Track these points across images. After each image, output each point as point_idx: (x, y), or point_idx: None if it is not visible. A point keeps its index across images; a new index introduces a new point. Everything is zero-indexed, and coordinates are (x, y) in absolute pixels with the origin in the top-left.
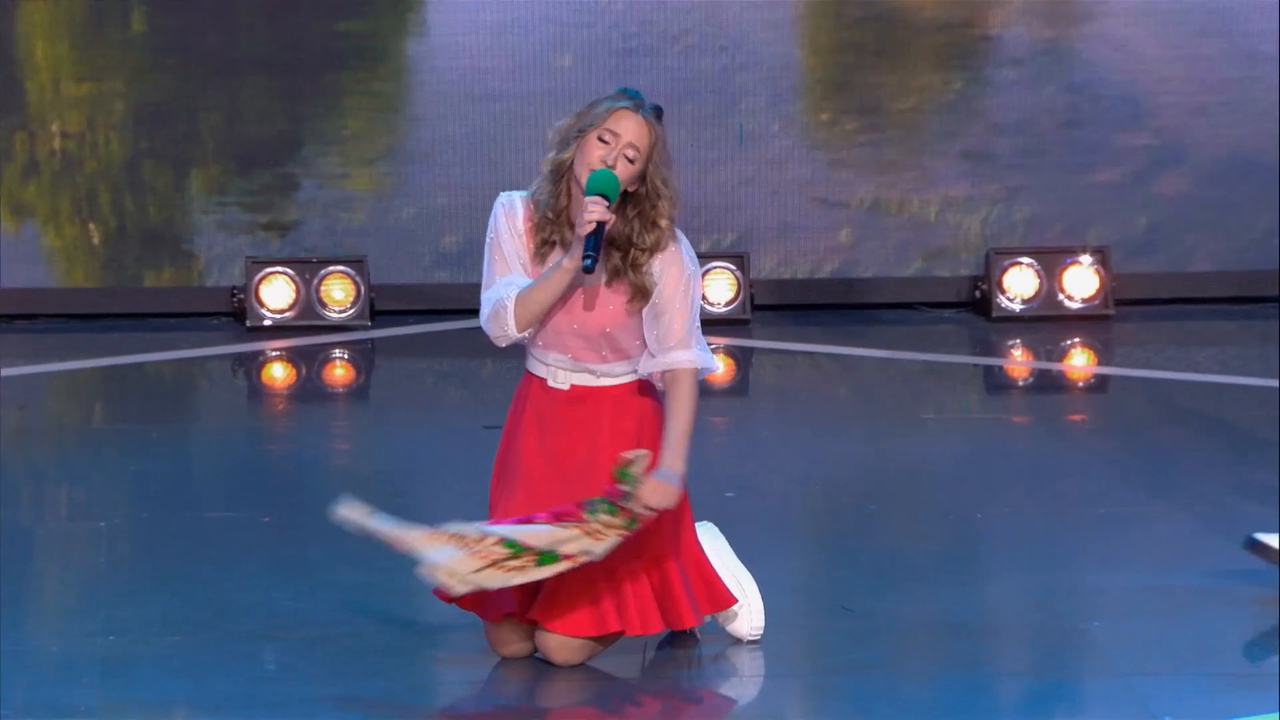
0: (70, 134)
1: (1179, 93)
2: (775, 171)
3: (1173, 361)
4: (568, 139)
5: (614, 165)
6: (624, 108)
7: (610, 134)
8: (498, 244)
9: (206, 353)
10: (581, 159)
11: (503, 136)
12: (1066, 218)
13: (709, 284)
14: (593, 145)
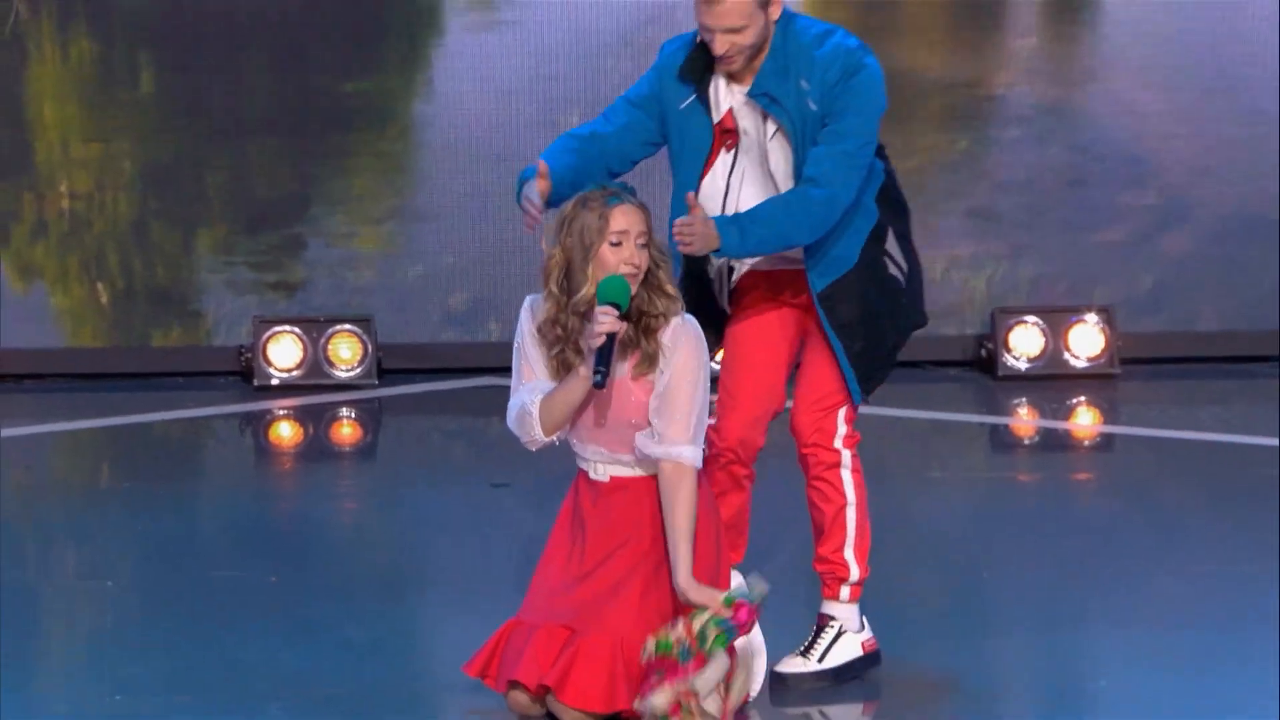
0: (79, 194)
1: (1183, 152)
2: None
3: (1178, 420)
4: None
5: (636, 260)
6: (614, 206)
7: (618, 234)
8: (523, 349)
9: (214, 412)
10: (602, 268)
11: (509, 196)
12: (1071, 276)
13: None
14: (608, 255)
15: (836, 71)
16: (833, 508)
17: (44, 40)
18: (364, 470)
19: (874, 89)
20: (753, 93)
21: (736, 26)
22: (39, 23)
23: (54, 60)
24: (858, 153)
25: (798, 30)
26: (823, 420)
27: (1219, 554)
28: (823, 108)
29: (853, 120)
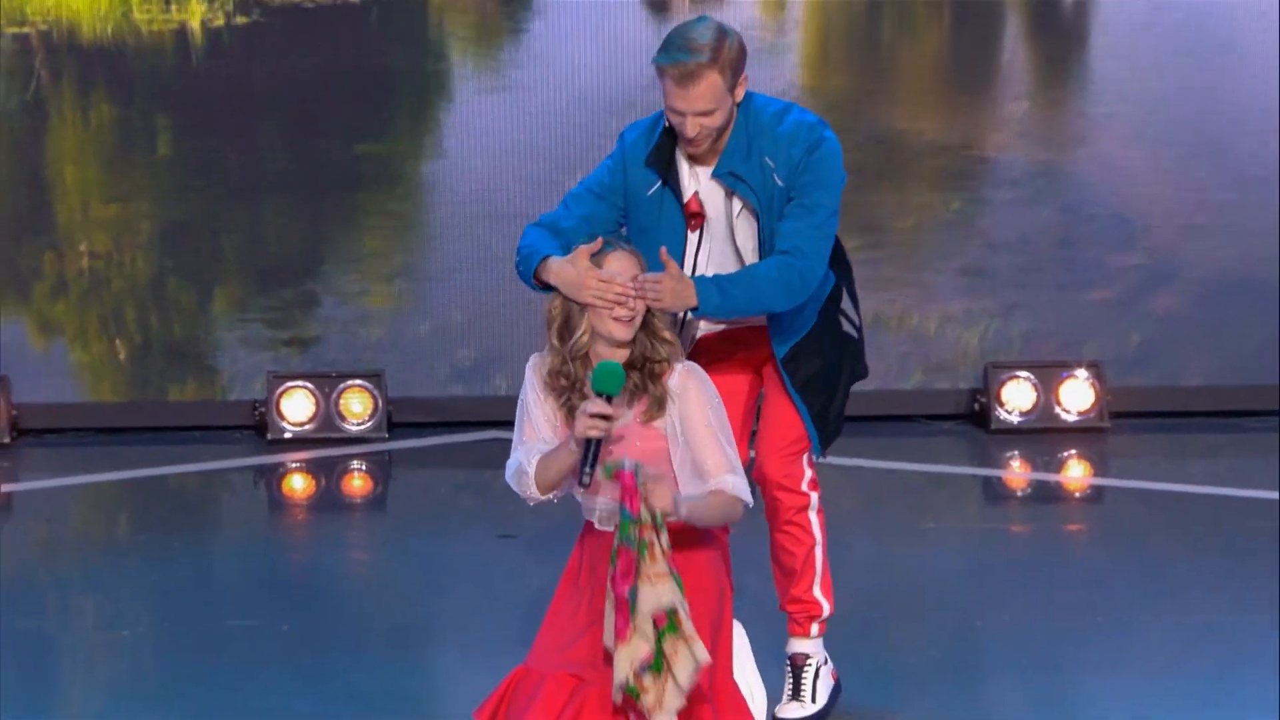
0: (98, 253)
1: (1170, 213)
2: None
3: (1167, 473)
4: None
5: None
6: (607, 253)
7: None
8: (526, 407)
9: (228, 465)
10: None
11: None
12: (1062, 333)
13: None
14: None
15: (800, 148)
16: (803, 549)
17: (65, 105)
18: (374, 521)
19: (835, 162)
20: (718, 173)
21: (708, 110)
22: (60, 88)
23: (75, 124)
24: (826, 224)
25: (757, 109)
26: (789, 466)
27: (1210, 604)
28: (788, 183)
29: (819, 194)
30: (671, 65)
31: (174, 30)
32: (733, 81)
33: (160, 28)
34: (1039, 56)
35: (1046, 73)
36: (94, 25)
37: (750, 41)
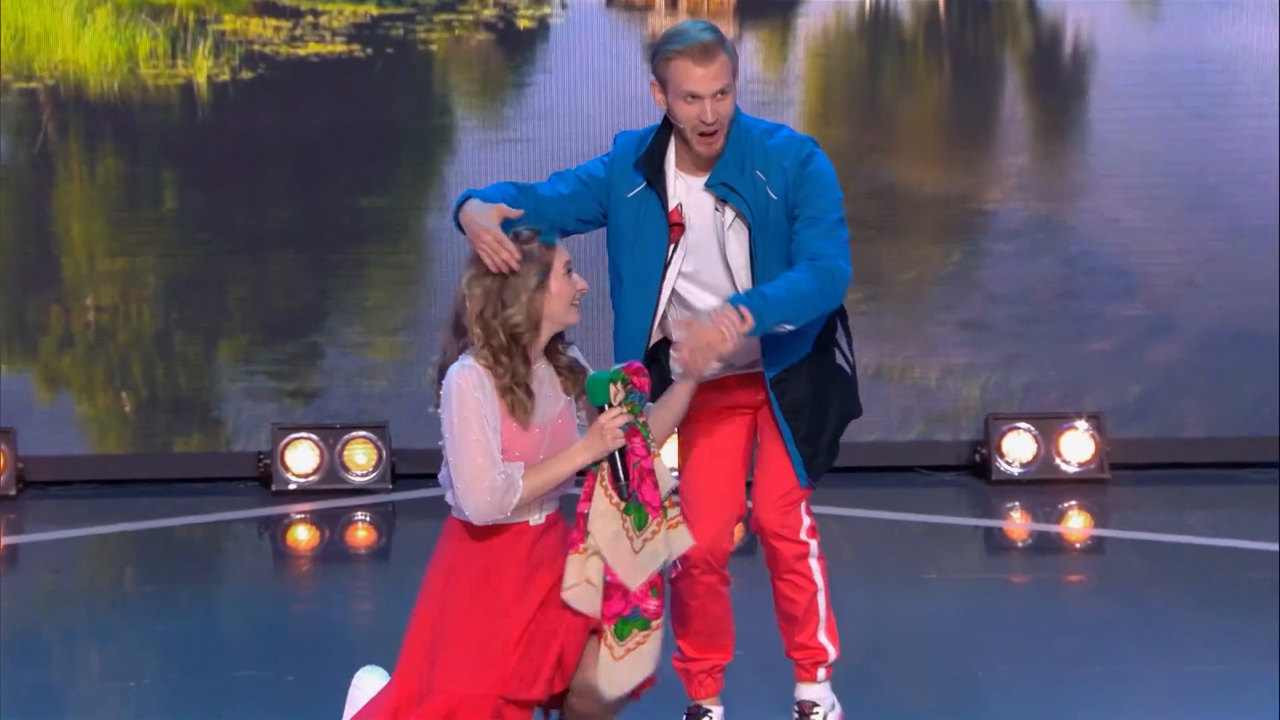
0: (104, 307)
1: (1169, 265)
2: None
3: (1166, 524)
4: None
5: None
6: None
7: (567, 264)
8: (482, 421)
9: (233, 516)
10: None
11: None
12: (1063, 385)
13: None
14: (565, 286)
15: (792, 160)
16: (805, 596)
17: (71, 159)
18: (378, 572)
19: (829, 173)
20: (710, 183)
21: (725, 88)
22: (67, 142)
23: (81, 178)
24: (837, 228)
25: (747, 125)
26: (787, 515)
27: (1209, 655)
28: (784, 197)
29: (821, 201)
30: (687, 45)
31: (180, 85)
32: (734, 72)
33: (166, 82)
34: (1038, 110)
35: (1046, 126)
36: (101, 80)
37: (752, 95)
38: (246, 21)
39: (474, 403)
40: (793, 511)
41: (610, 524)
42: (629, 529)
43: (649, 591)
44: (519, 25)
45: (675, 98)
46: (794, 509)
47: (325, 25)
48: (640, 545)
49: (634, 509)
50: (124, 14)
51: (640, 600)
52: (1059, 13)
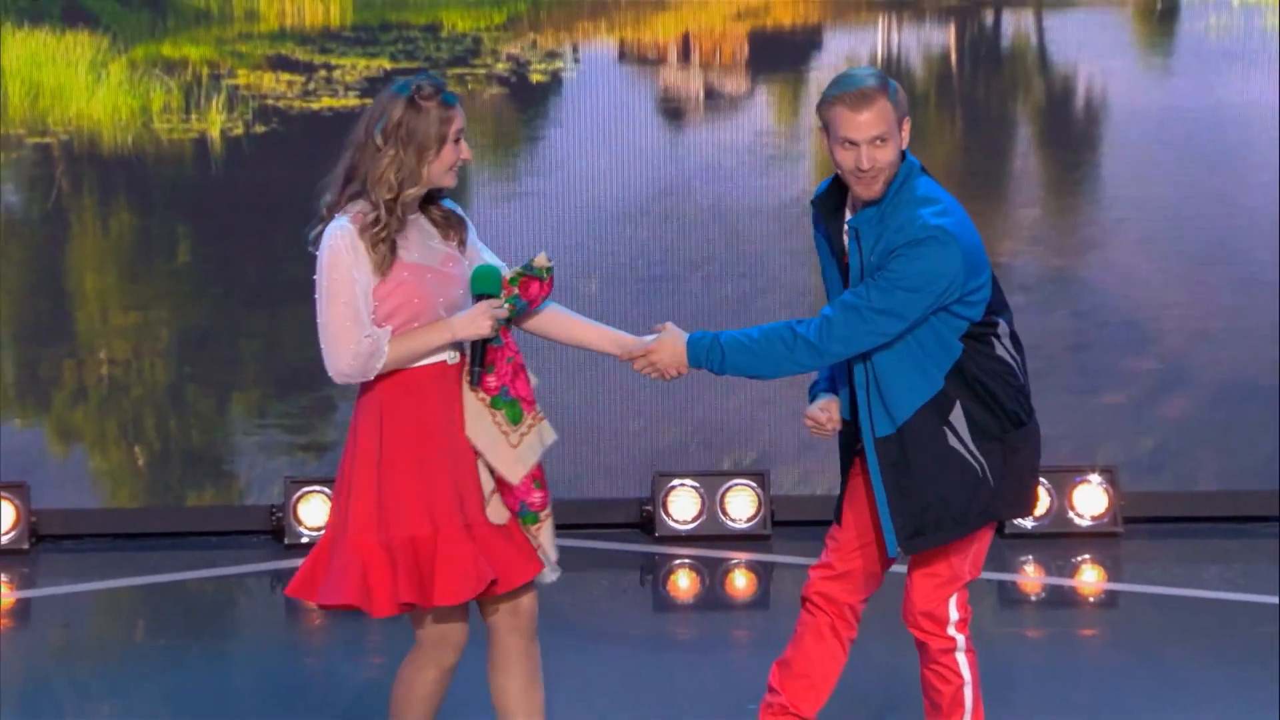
0: (117, 361)
1: (1182, 319)
2: (795, 392)
3: (1180, 578)
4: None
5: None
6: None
7: (458, 132)
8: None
9: (245, 570)
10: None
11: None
12: (1075, 438)
13: (729, 501)
14: (449, 153)
15: (906, 236)
16: (951, 688)
17: (85, 213)
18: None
19: (926, 271)
20: (850, 222)
21: (881, 135)
22: (81, 197)
23: (95, 232)
24: (876, 318)
25: (914, 186)
26: (936, 608)
27: (1223, 710)
28: (879, 261)
29: (892, 279)
30: (844, 92)
31: (194, 139)
32: (899, 117)
33: (180, 136)
34: (1050, 163)
35: (1058, 179)
36: (115, 135)
37: (765, 148)
38: (260, 76)
39: (345, 265)
40: (941, 605)
41: (483, 423)
42: (501, 423)
43: (532, 484)
44: (531, 79)
45: (834, 143)
46: (943, 603)
47: (338, 79)
48: (517, 440)
49: (505, 403)
50: (137, 69)
51: (525, 494)
52: (1071, 66)
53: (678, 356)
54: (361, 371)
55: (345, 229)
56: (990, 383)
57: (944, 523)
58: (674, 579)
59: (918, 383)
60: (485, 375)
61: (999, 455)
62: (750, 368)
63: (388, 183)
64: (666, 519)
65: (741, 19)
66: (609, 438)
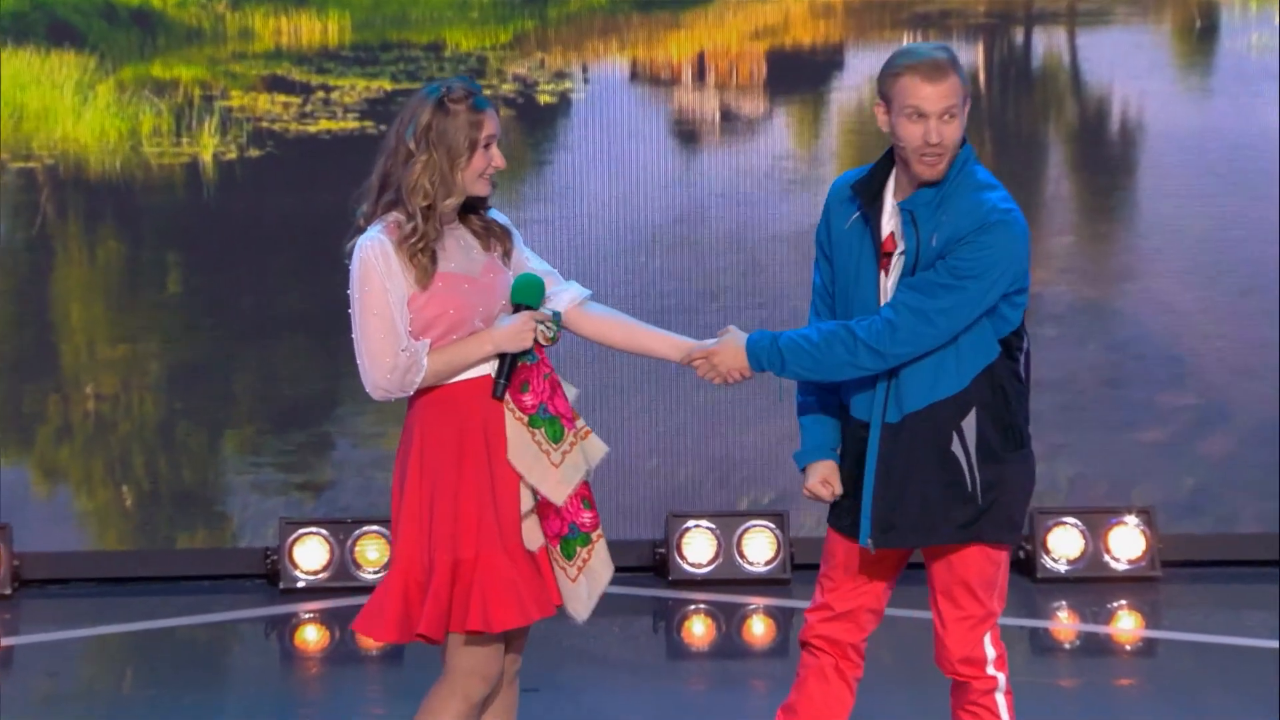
0: (104, 396)
1: (1223, 352)
2: None
3: (1222, 625)
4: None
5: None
6: (485, 111)
7: (489, 138)
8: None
9: (239, 615)
10: (471, 171)
11: None
12: (1111, 477)
13: (746, 543)
14: (480, 160)
15: (974, 221)
16: None
17: (71, 241)
18: (391, 675)
19: (999, 254)
20: (903, 204)
21: (954, 107)
22: (66, 224)
23: (81, 261)
24: (941, 320)
25: (972, 169)
26: (973, 650)
27: None
28: (940, 249)
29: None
30: (918, 60)
31: (184, 164)
32: (965, 95)
33: (170, 161)
34: (1084, 189)
35: (1092, 206)
36: (102, 159)
37: (784, 173)
38: (254, 97)
39: (377, 276)
40: (978, 646)
41: (523, 443)
42: (542, 442)
43: (580, 504)
44: (539, 100)
45: (900, 115)
46: (979, 643)
47: (337, 101)
48: (560, 458)
49: (544, 421)
50: (126, 90)
51: (574, 515)
52: (1105, 87)
53: (739, 359)
54: (399, 386)
55: (378, 240)
56: (1011, 397)
57: (918, 526)
58: (689, 625)
59: (939, 376)
60: (520, 394)
61: (994, 475)
62: (811, 371)
63: (423, 190)
64: (681, 562)
65: (759, 37)
66: (620, 476)
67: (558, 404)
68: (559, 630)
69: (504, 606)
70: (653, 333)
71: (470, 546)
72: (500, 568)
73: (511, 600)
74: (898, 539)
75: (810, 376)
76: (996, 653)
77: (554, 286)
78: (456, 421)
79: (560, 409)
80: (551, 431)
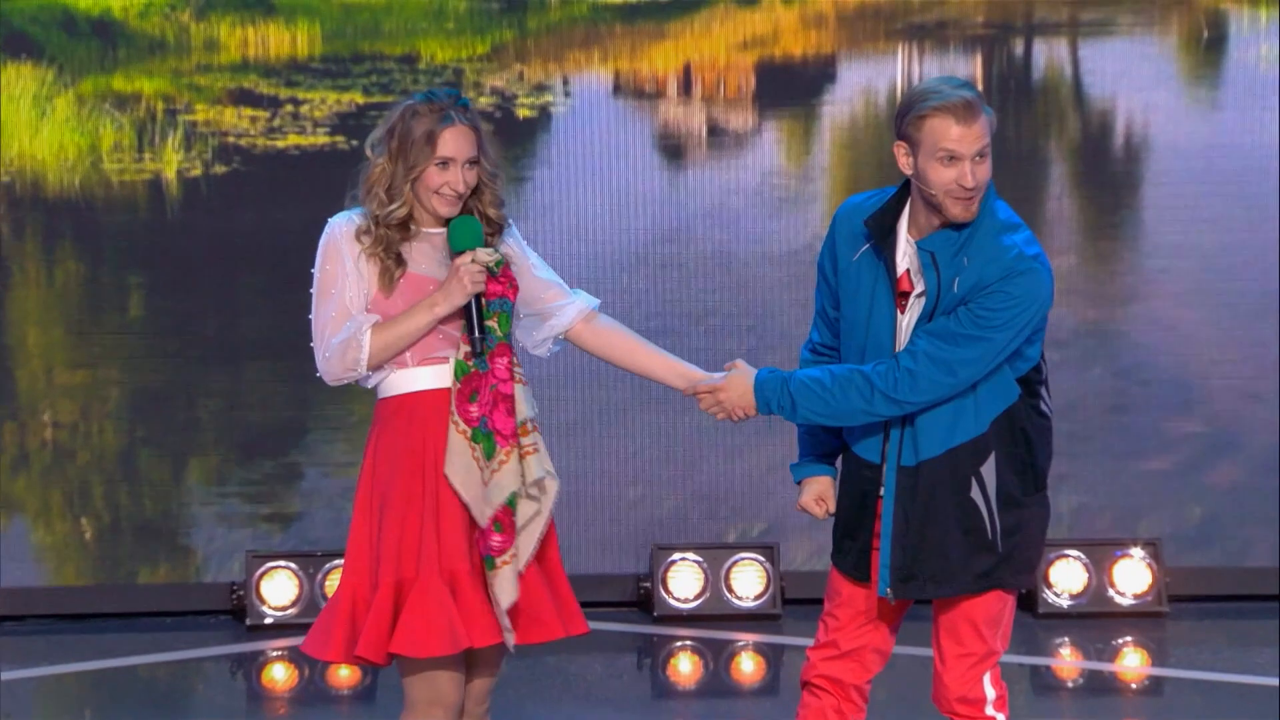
0: (62, 424)
1: (1232, 377)
2: None
3: (1231, 663)
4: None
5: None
6: (445, 127)
7: (444, 158)
8: (337, 279)
9: (203, 653)
10: (423, 185)
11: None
12: (1115, 508)
13: (735, 577)
14: (432, 176)
15: (998, 269)
16: None
17: (28, 262)
18: (362, 714)
19: (1024, 303)
20: (922, 244)
21: (986, 148)
22: (22, 244)
23: (39, 283)
24: (963, 370)
25: (993, 208)
26: (971, 689)
27: None
28: (963, 295)
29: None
30: (947, 101)
31: (147, 181)
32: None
33: (132, 178)
34: (1087, 206)
35: (1095, 224)
36: (61, 176)
37: (773, 190)
38: (220, 111)
39: (334, 257)
40: (976, 686)
41: (461, 456)
42: (479, 458)
43: (493, 526)
44: (518, 115)
45: (929, 159)
46: (976, 683)
47: (306, 115)
48: (488, 476)
49: (482, 436)
50: (86, 103)
51: (485, 537)
52: (1109, 99)
53: (746, 397)
54: (341, 365)
55: (346, 222)
56: (1034, 438)
57: (939, 576)
58: (674, 663)
59: (957, 421)
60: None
61: (1014, 520)
62: (823, 416)
63: (377, 196)
64: (666, 597)
65: (748, 48)
66: (603, 506)
67: (497, 420)
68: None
69: (433, 632)
70: (660, 356)
71: (412, 566)
72: (433, 591)
73: (442, 626)
74: (917, 589)
75: (822, 421)
76: (996, 693)
77: (558, 300)
78: (411, 435)
79: (498, 425)
80: (487, 448)
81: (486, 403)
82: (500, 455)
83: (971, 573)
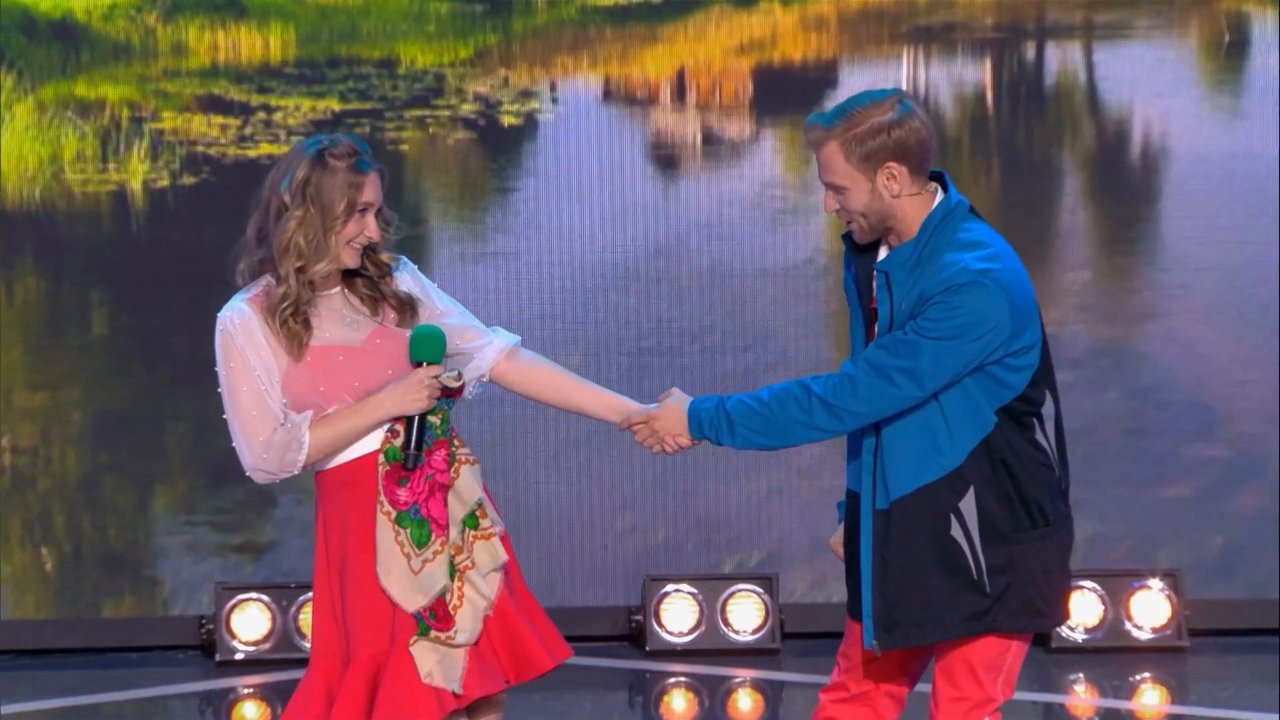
0: (22, 449)
1: (1255, 399)
2: (807, 482)
3: (1255, 700)
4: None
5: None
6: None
7: (365, 205)
8: (250, 372)
9: (171, 690)
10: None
11: (504, 438)
12: (1133, 537)
13: (732, 609)
14: (353, 226)
15: (940, 281)
16: None
17: None
18: None
19: (967, 317)
20: (879, 264)
21: (837, 185)
22: None
23: None
24: (902, 379)
25: (954, 227)
26: None
27: None
28: (910, 309)
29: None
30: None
31: (111, 192)
32: (863, 161)
33: (96, 189)
34: (1102, 219)
35: (1111, 237)
36: (20, 187)
37: (772, 201)
38: (189, 119)
39: (239, 350)
40: None
41: (386, 541)
42: (405, 544)
43: (428, 614)
44: (503, 122)
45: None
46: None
47: (279, 123)
48: (419, 565)
49: (410, 521)
50: (47, 111)
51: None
52: (1125, 107)
53: (679, 424)
54: (279, 466)
55: (238, 312)
56: (1020, 471)
57: (923, 621)
58: (668, 700)
59: (929, 455)
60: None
61: (1004, 558)
62: (763, 436)
63: (296, 249)
64: (659, 630)
65: (745, 53)
66: (593, 535)
67: (432, 508)
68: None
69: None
70: (590, 390)
71: (385, 636)
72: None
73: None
74: (903, 638)
75: (762, 442)
76: None
77: (475, 340)
78: (359, 502)
79: (434, 513)
80: (417, 535)
81: (421, 491)
82: (434, 545)
83: (959, 615)
